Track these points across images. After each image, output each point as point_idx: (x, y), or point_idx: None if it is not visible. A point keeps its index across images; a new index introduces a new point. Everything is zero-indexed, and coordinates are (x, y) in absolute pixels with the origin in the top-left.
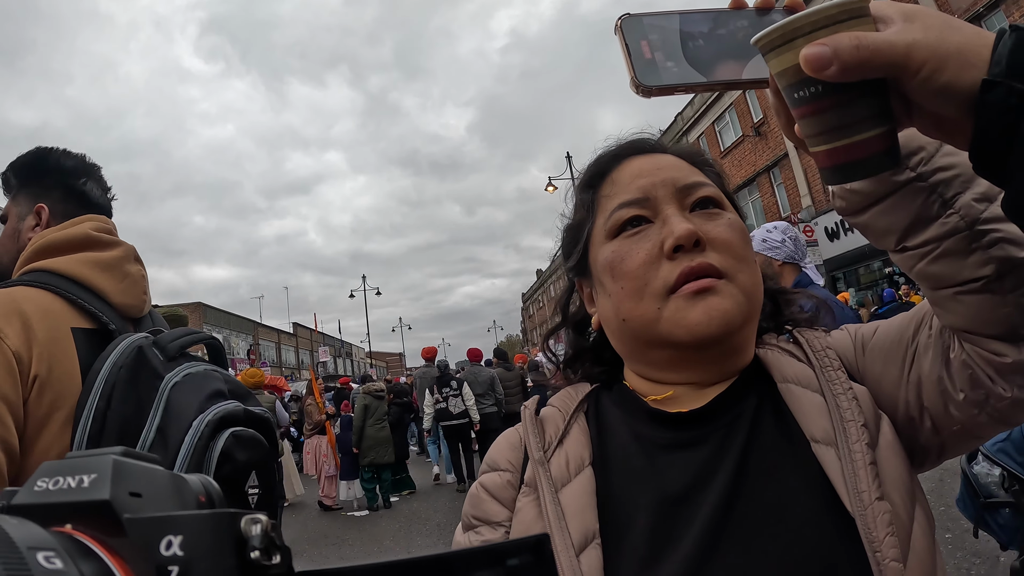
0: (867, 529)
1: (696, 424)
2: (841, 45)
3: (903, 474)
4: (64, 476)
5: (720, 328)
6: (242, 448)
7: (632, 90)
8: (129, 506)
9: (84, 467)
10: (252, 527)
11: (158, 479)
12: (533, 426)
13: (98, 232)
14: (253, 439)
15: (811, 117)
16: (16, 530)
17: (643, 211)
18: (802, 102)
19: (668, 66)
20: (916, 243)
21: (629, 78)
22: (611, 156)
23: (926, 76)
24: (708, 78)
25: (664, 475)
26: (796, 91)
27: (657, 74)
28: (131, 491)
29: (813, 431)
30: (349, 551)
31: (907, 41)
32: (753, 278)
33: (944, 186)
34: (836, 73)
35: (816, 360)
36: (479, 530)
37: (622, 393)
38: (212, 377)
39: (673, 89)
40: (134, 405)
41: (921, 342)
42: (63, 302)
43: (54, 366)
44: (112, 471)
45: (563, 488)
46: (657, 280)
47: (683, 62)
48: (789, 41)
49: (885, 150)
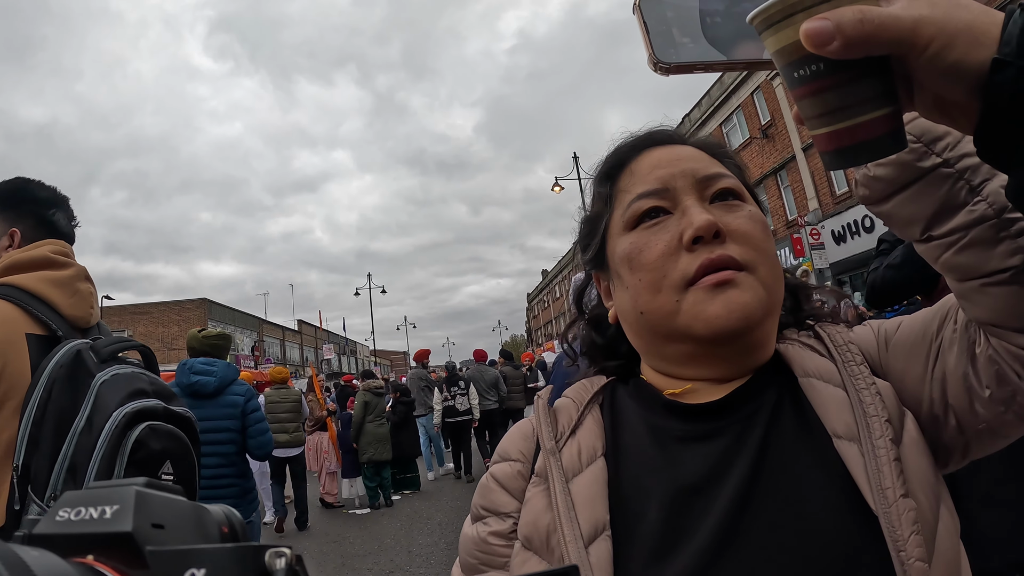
0: (891, 527)
1: (713, 416)
2: (844, 19)
3: (928, 472)
4: (86, 506)
5: (740, 322)
6: (157, 439)
7: (650, 67)
8: (152, 538)
9: (106, 498)
10: (276, 560)
11: (180, 510)
12: (546, 416)
13: (56, 255)
14: (169, 432)
15: (811, 98)
16: (36, 561)
17: (662, 202)
18: (802, 82)
19: (686, 43)
20: (942, 232)
21: (647, 55)
22: (629, 147)
23: (933, 54)
24: (728, 57)
25: (679, 466)
26: (796, 70)
27: (675, 51)
28: (153, 522)
29: (835, 426)
30: (350, 549)
31: (914, 16)
32: (774, 271)
33: (972, 172)
34: (838, 49)
35: (838, 355)
36: (487, 521)
37: (638, 386)
38: (137, 378)
39: (692, 67)
40: (70, 398)
41: (946, 337)
42: (21, 311)
43: (8, 363)
44: (135, 502)
45: (574, 478)
46: (676, 272)
47: (702, 40)
48: (788, 16)
49: (890, 132)
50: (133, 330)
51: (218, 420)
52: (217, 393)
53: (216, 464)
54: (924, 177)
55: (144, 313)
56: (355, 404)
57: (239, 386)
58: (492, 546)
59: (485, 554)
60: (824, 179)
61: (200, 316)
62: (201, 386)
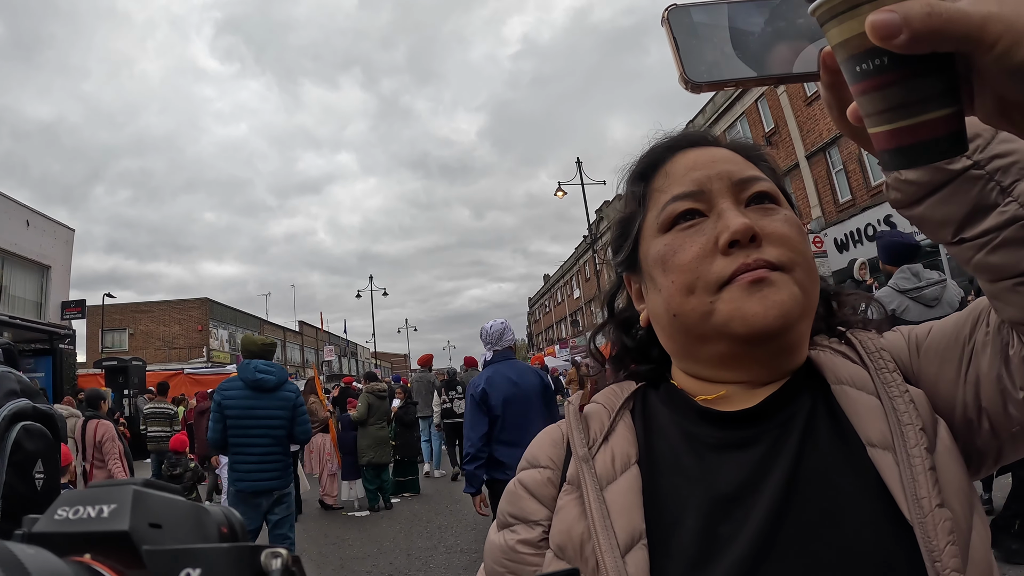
0: (926, 537)
1: (748, 424)
2: (912, 12)
3: (962, 481)
4: (84, 505)
5: (777, 320)
6: (31, 439)
7: (681, 85)
8: (148, 537)
9: (104, 497)
10: (272, 561)
11: (179, 510)
12: (577, 422)
13: None
14: (40, 432)
15: (874, 93)
16: (31, 560)
17: (697, 204)
18: (865, 76)
19: (716, 60)
20: (974, 234)
21: (678, 73)
22: (664, 147)
23: (1000, 52)
24: (758, 72)
25: (715, 475)
26: (858, 64)
27: (706, 69)
28: (151, 522)
29: (869, 434)
30: (349, 551)
31: (983, 13)
32: (810, 275)
33: (1002, 173)
34: (905, 43)
35: (870, 362)
36: (515, 528)
37: (670, 392)
38: (7, 378)
39: (723, 84)
40: None
41: (979, 340)
42: None
43: None
44: (132, 502)
45: (608, 486)
46: (711, 275)
47: (732, 56)
48: (853, 8)
49: (952, 133)
50: (134, 328)
51: (274, 410)
52: (275, 389)
53: (268, 444)
54: (955, 179)
55: (145, 311)
56: (358, 406)
57: (291, 384)
58: (521, 554)
59: (513, 562)
60: (827, 187)
61: (201, 316)
62: (264, 383)
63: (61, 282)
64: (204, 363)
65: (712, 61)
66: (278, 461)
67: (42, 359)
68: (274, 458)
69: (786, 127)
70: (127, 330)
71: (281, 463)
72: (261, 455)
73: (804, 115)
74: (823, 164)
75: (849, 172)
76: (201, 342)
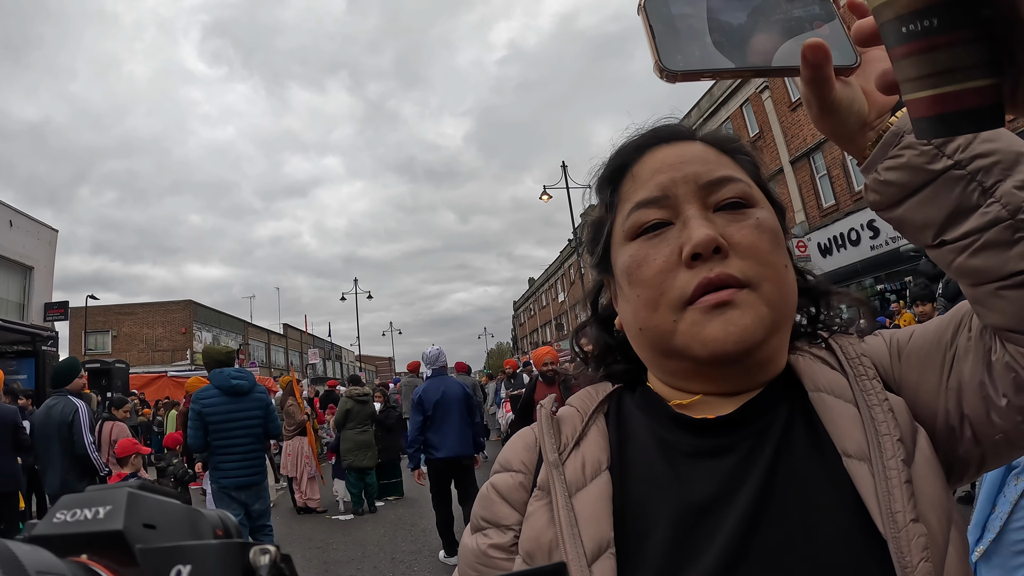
0: (900, 553)
1: (723, 432)
2: None
3: (940, 493)
4: (81, 508)
5: (739, 346)
6: None
7: (656, 74)
8: (142, 537)
9: (100, 499)
10: (261, 557)
11: (174, 512)
12: (549, 426)
13: None
14: None
15: (920, 55)
16: (27, 556)
17: (662, 212)
18: (911, 37)
19: (694, 50)
20: (955, 236)
21: (653, 62)
22: (633, 147)
23: None
24: (737, 64)
25: (687, 484)
26: (905, 24)
27: (682, 58)
28: (145, 523)
29: (845, 444)
30: (333, 555)
31: None
32: (780, 285)
33: (984, 173)
34: None
35: (850, 368)
36: (487, 532)
37: (645, 395)
38: None
39: (699, 75)
40: None
41: (960, 345)
42: None
43: None
44: (127, 503)
45: (577, 493)
46: (673, 291)
47: (710, 46)
48: None
49: (995, 104)
50: (117, 330)
51: (252, 411)
52: (249, 392)
53: (250, 442)
54: (936, 180)
55: (129, 314)
56: (336, 410)
57: (260, 386)
58: (492, 559)
59: (485, 567)
60: (811, 192)
61: (185, 318)
62: (240, 388)
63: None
64: (188, 366)
65: (689, 51)
66: (258, 457)
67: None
68: (255, 454)
69: (771, 132)
70: (110, 332)
71: (260, 458)
72: (244, 453)
73: (788, 120)
74: (807, 169)
75: (833, 177)
76: (185, 345)
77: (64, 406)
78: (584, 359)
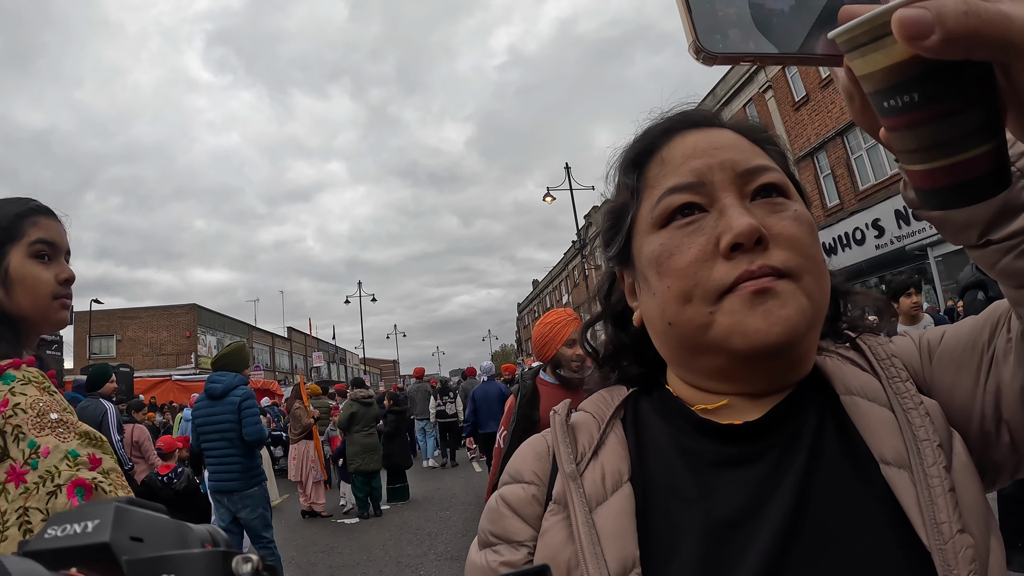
0: (946, 566)
1: (750, 439)
2: (946, 9)
3: (980, 501)
4: (71, 523)
5: (782, 337)
6: None
7: (692, 55)
8: (129, 549)
9: (89, 514)
10: (243, 566)
11: (161, 526)
12: (564, 434)
13: None
14: None
15: (905, 131)
16: (17, 567)
17: (697, 198)
18: (893, 112)
19: (734, 31)
20: (1001, 236)
21: (689, 42)
22: (660, 130)
23: None
24: (780, 49)
25: (714, 496)
26: (885, 99)
27: (721, 39)
28: (132, 535)
29: (883, 451)
30: (338, 559)
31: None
32: (820, 280)
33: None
34: (936, 44)
35: (881, 370)
36: (498, 548)
37: (664, 399)
38: None
39: (739, 58)
40: None
41: (999, 347)
42: None
43: None
44: (113, 516)
45: (598, 507)
46: (710, 282)
47: (752, 28)
48: (876, 39)
49: (993, 171)
50: (122, 335)
51: (225, 415)
52: (223, 395)
53: (225, 446)
54: None
55: (133, 318)
56: (340, 413)
57: (240, 390)
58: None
59: None
60: (815, 191)
61: (189, 322)
62: (212, 391)
63: None
64: (192, 370)
65: (729, 33)
66: (236, 463)
67: None
68: (232, 460)
69: (774, 132)
70: (115, 336)
71: (240, 465)
72: (220, 457)
73: (792, 120)
74: (811, 169)
75: (837, 176)
76: (189, 348)
77: (95, 408)
78: (596, 358)
